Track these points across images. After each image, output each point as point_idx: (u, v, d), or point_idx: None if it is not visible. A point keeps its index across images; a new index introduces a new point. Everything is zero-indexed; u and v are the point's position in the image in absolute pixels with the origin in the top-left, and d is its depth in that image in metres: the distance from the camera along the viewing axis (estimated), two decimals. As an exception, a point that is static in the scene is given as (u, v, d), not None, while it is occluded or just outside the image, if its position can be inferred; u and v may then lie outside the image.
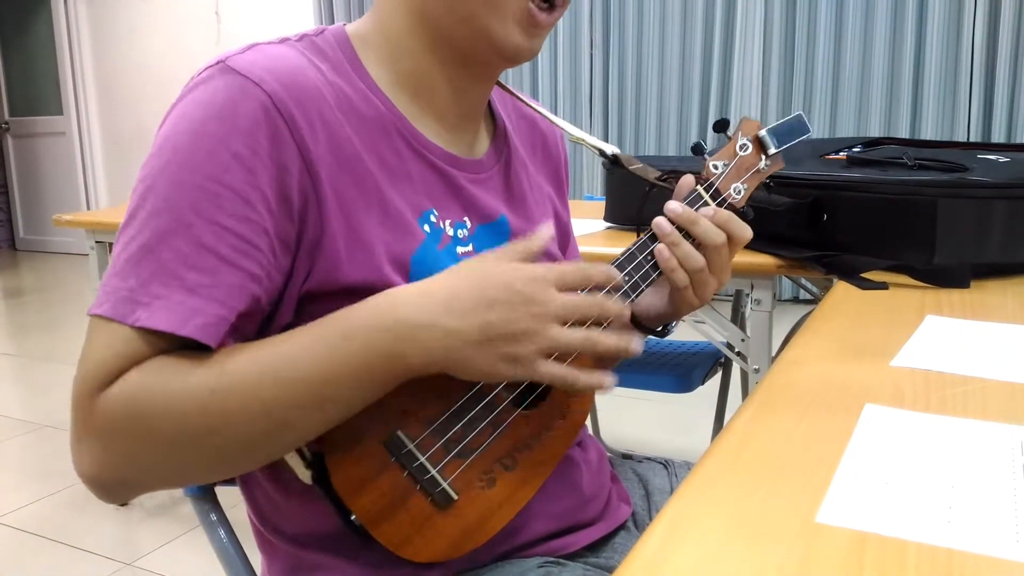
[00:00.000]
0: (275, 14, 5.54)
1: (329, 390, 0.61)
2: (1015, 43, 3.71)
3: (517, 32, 0.70)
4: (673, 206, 0.76)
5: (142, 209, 0.61)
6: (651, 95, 4.48)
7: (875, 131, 3.99)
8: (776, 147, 0.83)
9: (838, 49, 4.05)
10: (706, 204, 0.78)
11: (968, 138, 3.85)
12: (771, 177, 0.85)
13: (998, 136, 3.78)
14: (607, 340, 0.63)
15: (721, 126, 0.83)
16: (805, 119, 0.84)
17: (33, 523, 2.20)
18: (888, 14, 3.92)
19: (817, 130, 4.13)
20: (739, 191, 0.81)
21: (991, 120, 3.82)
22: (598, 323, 0.66)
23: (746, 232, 0.78)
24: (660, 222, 0.75)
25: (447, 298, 0.60)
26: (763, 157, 0.83)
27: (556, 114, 4.62)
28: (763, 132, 0.83)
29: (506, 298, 0.60)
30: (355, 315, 0.61)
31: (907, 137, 3.89)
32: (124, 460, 0.60)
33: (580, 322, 0.63)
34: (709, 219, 0.76)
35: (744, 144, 0.82)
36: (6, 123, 6.85)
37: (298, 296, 0.65)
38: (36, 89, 6.68)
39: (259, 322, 0.65)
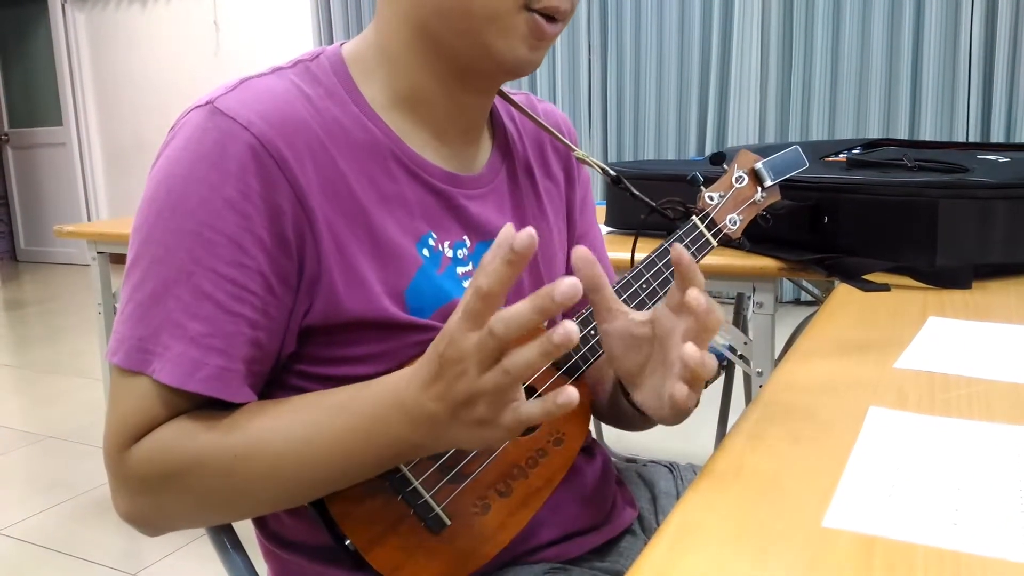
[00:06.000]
0: (274, 25, 5.55)
1: (350, 466, 0.63)
2: (1012, 42, 3.72)
3: (522, 46, 0.68)
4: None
5: (144, 256, 0.63)
6: (649, 100, 4.48)
7: (874, 132, 4.00)
8: (772, 179, 0.84)
9: (835, 51, 4.06)
10: (702, 234, 0.80)
11: (967, 138, 3.85)
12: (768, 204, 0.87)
13: (997, 136, 3.78)
14: (524, 355, 0.52)
15: (718, 159, 0.84)
16: (801, 153, 0.85)
17: (38, 535, 2.20)
18: (885, 15, 3.93)
19: (816, 132, 4.14)
20: (735, 222, 0.83)
21: (990, 120, 3.82)
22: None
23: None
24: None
25: (420, 377, 0.57)
26: (759, 189, 0.84)
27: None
28: (759, 164, 0.84)
29: (439, 368, 0.55)
30: (372, 394, 0.62)
31: (906, 138, 3.89)
32: (152, 510, 0.65)
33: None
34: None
35: (740, 176, 0.84)
36: (6, 134, 6.86)
37: (299, 329, 0.67)
38: (35, 100, 6.70)
39: (271, 361, 0.67)
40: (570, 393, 0.52)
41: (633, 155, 4.58)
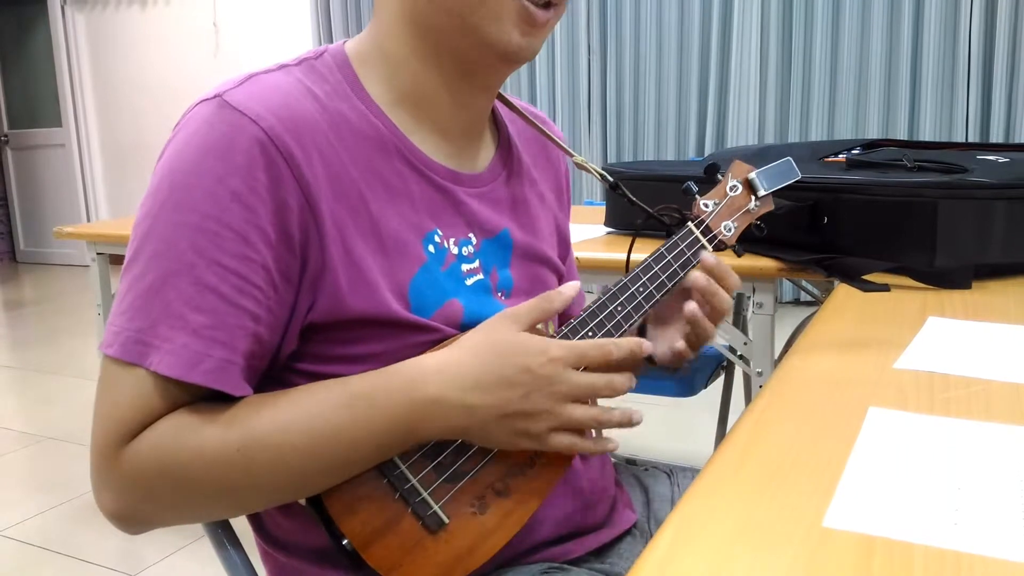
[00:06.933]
0: (273, 26, 5.55)
1: (353, 456, 0.64)
2: (1012, 42, 3.72)
3: (514, 32, 0.68)
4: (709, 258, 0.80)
5: (145, 249, 0.63)
6: (649, 100, 4.49)
7: (873, 132, 4.00)
8: (765, 189, 0.87)
9: (835, 51, 4.06)
10: (697, 240, 0.82)
11: (966, 138, 3.85)
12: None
13: (996, 136, 3.79)
14: (613, 417, 0.68)
15: (712, 171, 0.87)
16: (794, 164, 0.88)
17: (37, 536, 2.20)
18: (884, 15, 3.93)
19: (815, 132, 4.14)
20: (729, 229, 0.85)
21: (989, 120, 3.82)
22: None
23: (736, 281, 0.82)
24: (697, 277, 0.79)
25: (471, 376, 0.63)
26: (753, 198, 0.87)
27: (554, 120, 4.62)
28: (753, 175, 0.87)
29: (525, 380, 0.63)
30: (381, 386, 0.64)
31: (905, 138, 3.89)
32: (147, 507, 0.64)
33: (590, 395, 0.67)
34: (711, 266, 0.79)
35: (734, 185, 0.86)
36: (5, 136, 6.86)
37: (301, 327, 0.67)
38: (35, 101, 6.69)
39: (269, 357, 0.67)
40: (616, 442, 0.70)
41: (632, 155, 4.58)
